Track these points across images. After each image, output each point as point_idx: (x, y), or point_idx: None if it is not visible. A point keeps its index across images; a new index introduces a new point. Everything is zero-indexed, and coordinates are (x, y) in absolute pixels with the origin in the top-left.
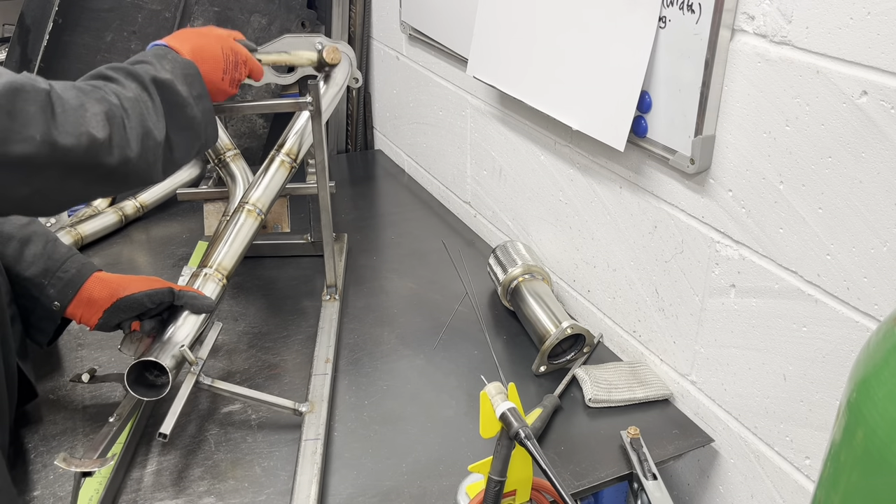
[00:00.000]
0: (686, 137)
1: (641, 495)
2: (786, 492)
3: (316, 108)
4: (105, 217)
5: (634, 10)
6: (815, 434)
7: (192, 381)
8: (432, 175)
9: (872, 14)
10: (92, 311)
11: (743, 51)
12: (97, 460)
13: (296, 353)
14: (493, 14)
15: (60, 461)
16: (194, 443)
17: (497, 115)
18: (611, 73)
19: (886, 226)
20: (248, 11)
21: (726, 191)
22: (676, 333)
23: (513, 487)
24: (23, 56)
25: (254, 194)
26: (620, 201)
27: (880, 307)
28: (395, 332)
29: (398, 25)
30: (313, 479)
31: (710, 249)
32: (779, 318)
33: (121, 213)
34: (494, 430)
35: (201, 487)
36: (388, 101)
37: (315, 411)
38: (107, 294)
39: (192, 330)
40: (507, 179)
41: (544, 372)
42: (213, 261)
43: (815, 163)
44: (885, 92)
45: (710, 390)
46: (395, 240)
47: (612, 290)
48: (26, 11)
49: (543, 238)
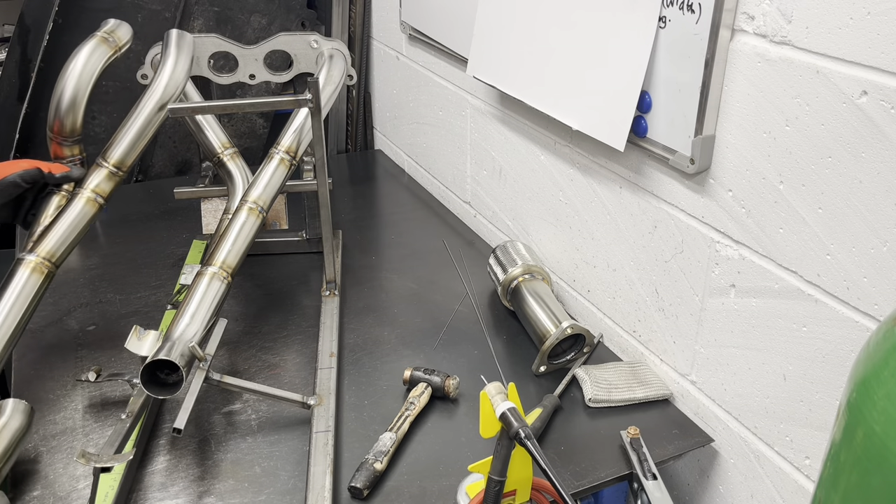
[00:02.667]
0: (686, 137)
1: (641, 495)
2: (786, 492)
3: (315, 104)
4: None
5: (634, 10)
6: (815, 434)
7: (202, 378)
8: (432, 175)
9: (872, 14)
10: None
11: (743, 51)
12: (116, 456)
13: (296, 353)
14: (494, 14)
15: (80, 457)
16: (194, 443)
17: (497, 115)
18: (611, 73)
19: (886, 226)
20: (248, 11)
21: (726, 191)
22: (676, 333)
23: (513, 487)
24: (23, 56)
25: (255, 192)
26: (620, 201)
27: (880, 307)
28: (395, 332)
29: (398, 25)
30: (327, 470)
31: (710, 249)
32: (779, 318)
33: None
34: (494, 430)
35: (201, 487)
36: (388, 101)
37: (324, 404)
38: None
39: (200, 327)
40: (507, 179)
41: (544, 372)
42: (218, 259)
43: (815, 163)
44: (885, 92)
45: (710, 390)
46: (395, 240)
47: (612, 290)
48: (26, 11)
49: (543, 238)
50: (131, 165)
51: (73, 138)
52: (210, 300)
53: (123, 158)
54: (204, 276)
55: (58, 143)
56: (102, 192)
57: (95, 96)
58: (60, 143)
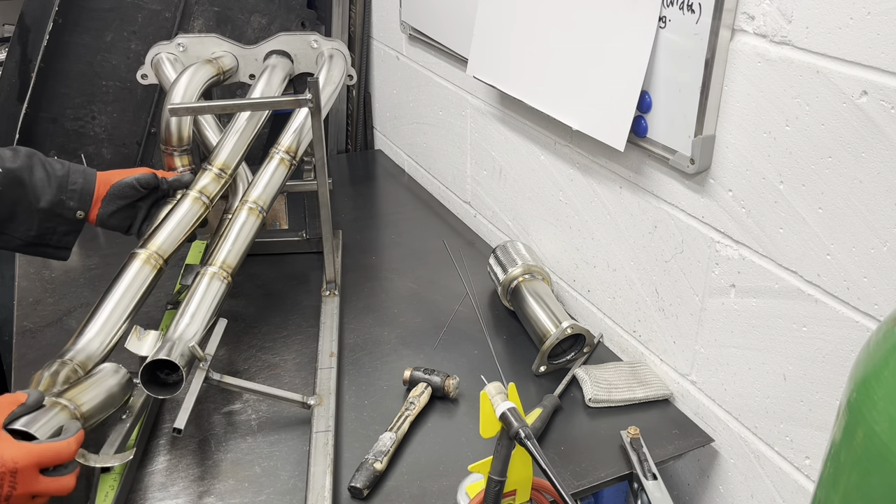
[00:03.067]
0: (686, 137)
1: (641, 495)
2: (786, 492)
3: (315, 104)
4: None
5: (634, 10)
6: (815, 434)
7: (203, 377)
8: (432, 175)
9: (872, 14)
10: (94, 208)
11: (743, 51)
12: (116, 456)
13: (296, 353)
14: (494, 14)
15: (80, 457)
16: (194, 443)
17: (497, 115)
18: (611, 73)
19: (886, 226)
20: (248, 11)
21: (726, 191)
22: (676, 333)
23: (513, 487)
24: (23, 56)
25: (255, 192)
26: (620, 201)
27: (880, 307)
28: (396, 332)
29: (398, 25)
30: (327, 470)
31: (710, 249)
32: (779, 318)
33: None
34: (494, 430)
35: (201, 487)
36: (388, 101)
37: (324, 404)
38: (103, 186)
39: (200, 327)
40: (507, 179)
41: (544, 372)
42: (217, 258)
43: (815, 163)
44: (885, 92)
45: (710, 390)
46: (395, 240)
47: (612, 290)
48: (26, 11)
49: (543, 238)
50: (235, 168)
51: (181, 148)
52: (210, 300)
53: (227, 162)
54: (204, 276)
55: (169, 154)
56: (208, 192)
57: (96, 96)
58: (171, 153)
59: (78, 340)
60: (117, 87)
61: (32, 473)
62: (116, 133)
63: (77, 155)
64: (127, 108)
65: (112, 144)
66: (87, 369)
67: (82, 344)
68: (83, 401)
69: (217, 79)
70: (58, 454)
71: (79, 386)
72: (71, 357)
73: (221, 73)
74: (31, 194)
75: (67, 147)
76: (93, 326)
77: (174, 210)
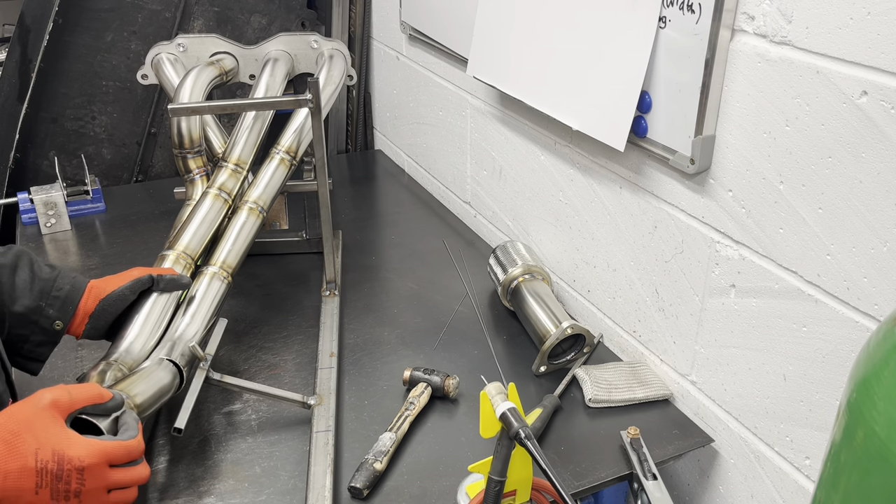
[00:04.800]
0: (686, 137)
1: (641, 495)
2: (786, 492)
3: (316, 105)
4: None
5: (634, 10)
6: (815, 434)
7: (203, 377)
8: (432, 175)
9: (872, 14)
10: (79, 321)
11: (743, 51)
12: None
13: (296, 353)
14: (494, 14)
15: None
16: (194, 443)
17: (497, 115)
18: (611, 73)
19: (886, 226)
20: (248, 11)
21: (726, 191)
22: (676, 333)
23: (513, 487)
24: (23, 56)
25: (255, 192)
26: (620, 201)
27: (880, 307)
28: (395, 332)
29: (398, 25)
30: (327, 470)
31: (710, 249)
32: (779, 318)
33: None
34: (494, 430)
35: (201, 487)
36: (388, 101)
37: (324, 404)
38: (93, 300)
39: (200, 327)
40: (507, 179)
41: (544, 372)
42: (218, 258)
43: (815, 163)
44: (885, 92)
45: (710, 390)
46: (395, 240)
47: (612, 290)
48: (26, 11)
49: (543, 238)
50: (251, 164)
51: (195, 149)
52: (210, 300)
53: (242, 157)
54: (204, 276)
55: (182, 157)
56: (227, 188)
57: (96, 96)
58: (185, 156)
59: (119, 344)
60: (117, 87)
61: (101, 470)
62: (116, 133)
63: (77, 155)
64: (127, 109)
65: (112, 144)
66: (132, 370)
67: (125, 346)
68: (136, 392)
69: (220, 80)
70: (128, 452)
71: (128, 379)
72: (115, 359)
73: (224, 75)
74: (7, 296)
75: (67, 147)
76: (132, 329)
77: (196, 209)
